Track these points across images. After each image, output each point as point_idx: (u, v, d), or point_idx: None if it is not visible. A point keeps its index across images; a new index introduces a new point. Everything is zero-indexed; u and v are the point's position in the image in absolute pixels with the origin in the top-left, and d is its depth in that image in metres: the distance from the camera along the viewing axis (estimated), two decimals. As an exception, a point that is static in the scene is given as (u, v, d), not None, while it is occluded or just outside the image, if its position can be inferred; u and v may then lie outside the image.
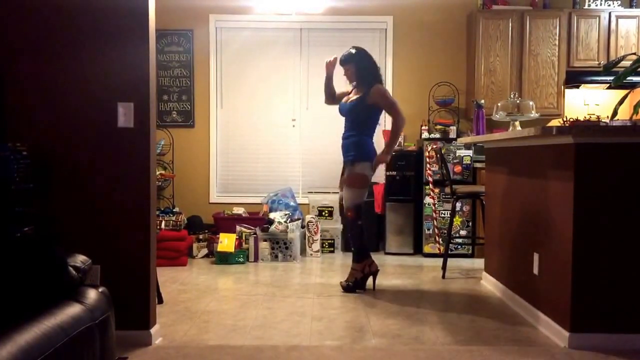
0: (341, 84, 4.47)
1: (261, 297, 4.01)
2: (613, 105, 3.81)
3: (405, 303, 3.87)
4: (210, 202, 6.19)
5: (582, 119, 4.78)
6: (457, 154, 5.61)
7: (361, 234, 4.22)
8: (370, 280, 4.23)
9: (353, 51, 4.27)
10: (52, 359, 1.61)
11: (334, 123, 4.34)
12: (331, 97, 4.46)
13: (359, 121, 4.21)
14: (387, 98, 4.23)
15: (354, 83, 4.29)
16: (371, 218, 5.84)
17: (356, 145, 4.17)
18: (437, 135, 5.83)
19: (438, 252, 5.50)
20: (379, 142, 6.05)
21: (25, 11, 2.93)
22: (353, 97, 4.25)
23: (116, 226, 2.92)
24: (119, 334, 2.21)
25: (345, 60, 4.26)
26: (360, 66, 4.23)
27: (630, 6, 6.01)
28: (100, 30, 2.90)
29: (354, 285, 4.18)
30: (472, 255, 5.57)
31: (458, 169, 5.60)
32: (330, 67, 4.39)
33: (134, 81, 2.90)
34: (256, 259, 5.33)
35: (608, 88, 5.93)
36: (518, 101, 4.49)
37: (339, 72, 4.36)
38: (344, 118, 4.31)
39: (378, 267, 4.26)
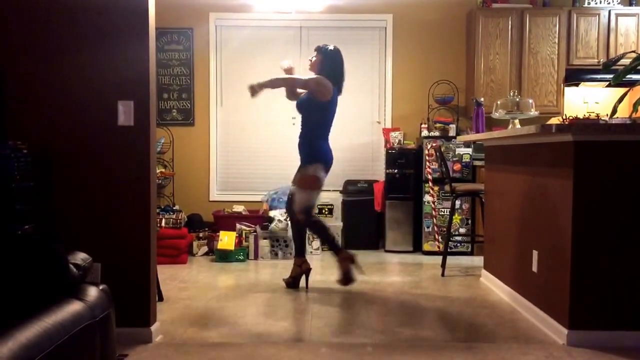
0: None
1: (261, 294, 4.02)
2: (612, 103, 3.82)
3: (404, 300, 3.88)
4: (210, 200, 6.20)
5: (581, 117, 4.78)
6: (456, 152, 5.61)
7: (324, 228, 4.17)
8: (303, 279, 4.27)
9: (331, 47, 4.22)
10: (53, 356, 1.62)
11: (334, 121, 4.33)
12: (292, 93, 4.37)
13: (310, 120, 4.15)
14: (312, 78, 4.10)
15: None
16: (371, 216, 5.86)
17: (307, 145, 4.14)
18: (437, 134, 5.83)
19: (437, 249, 5.50)
20: (379, 141, 6.10)
21: (26, 10, 2.93)
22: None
23: (116, 224, 2.93)
24: (119, 332, 2.22)
25: (317, 49, 4.23)
26: (327, 61, 4.17)
27: (630, 4, 6.01)
28: (101, 29, 2.91)
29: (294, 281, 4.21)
30: (471, 253, 5.58)
31: (457, 167, 5.61)
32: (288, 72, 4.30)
33: (134, 79, 2.91)
34: (256, 257, 5.34)
35: (607, 86, 5.94)
36: (517, 99, 4.49)
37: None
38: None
39: (310, 267, 4.27)
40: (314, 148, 4.12)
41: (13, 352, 1.48)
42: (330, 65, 4.16)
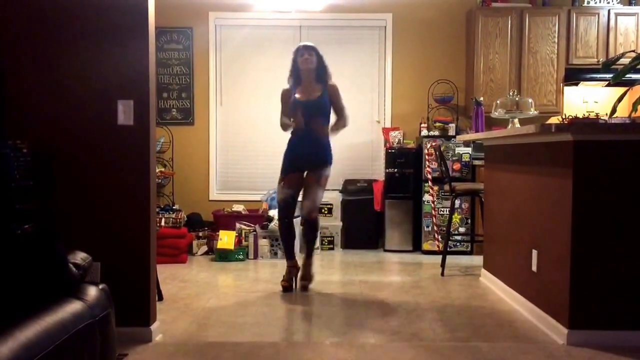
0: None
1: (261, 294, 4.02)
2: (612, 103, 3.82)
3: (404, 300, 3.88)
4: (210, 199, 6.20)
5: (581, 117, 4.78)
6: (456, 152, 5.61)
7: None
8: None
9: (311, 44, 4.31)
10: (53, 356, 1.62)
11: (332, 121, 4.33)
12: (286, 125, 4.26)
13: (326, 121, 4.24)
14: (340, 97, 4.29)
15: (292, 84, 4.23)
16: (370, 215, 5.86)
17: (328, 146, 4.23)
18: (436, 133, 5.83)
19: (437, 249, 5.50)
20: (379, 140, 6.10)
21: (26, 9, 2.93)
22: (314, 93, 4.17)
23: (116, 223, 2.92)
24: (119, 331, 2.22)
25: (313, 48, 4.24)
26: (321, 60, 4.24)
27: (630, 3, 6.01)
28: (101, 28, 2.91)
29: None
30: (471, 253, 5.58)
31: (457, 166, 5.61)
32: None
33: (133, 78, 2.91)
34: (256, 256, 5.34)
35: (607, 85, 5.94)
36: (517, 99, 4.49)
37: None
38: (302, 115, 4.12)
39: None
40: (330, 149, 4.24)
41: (13, 352, 1.48)
42: (324, 64, 4.26)
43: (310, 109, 4.15)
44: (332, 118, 4.30)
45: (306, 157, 4.18)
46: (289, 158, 4.22)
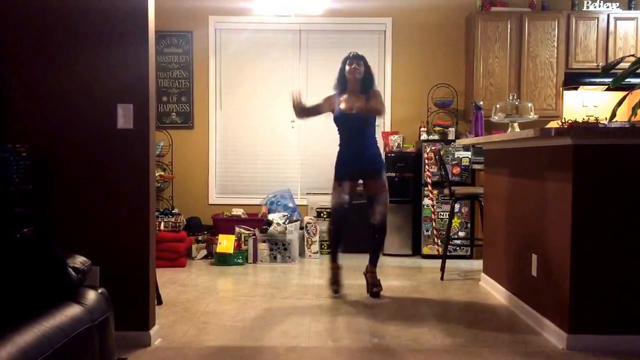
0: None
1: (260, 298, 4.01)
2: (611, 107, 3.84)
3: (403, 304, 3.88)
4: (210, 203, 6.20)
5: (580, 121, 4.79)
6: (455, 156, 5.62)
7: None
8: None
9: (361, 54, 4.31)
10: (52, 360, 1.62)
11: (333, 125, 4.33)
12: (305, 112, 4.32)
13: (374, 129, 4.29)
14: (379, 100, 4.26)
15: (337, 91, 4.25)
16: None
17: (379, 153, 4.32)
18: (436, 137, 5.83)
19: (437, 253, 5.50)
20: (379, 144, 6.09)
21: (25, 13, 2.93)
22: (356, 104, 4.15)
23: (115, 227, 2.92)
24: (118, 335, 2.22)
25: (361, 57, 4.24)
26: (368, 70, 4.26)
27: (629, 8, 6.02)
28: (100, 32, 2.91)
29: None
30: (470, 257, 5.57)
31: (457, 170, 5.61)
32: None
33: (133, 82, 2.91)
34: (255, 260, 5.33)
35: (606, 90, 5.93)
36: (517, 103, 4.50)
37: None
38: (348, 126, 4.19)
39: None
40: (380, 156, 4.36)
41: (11, 356, 1.47)
42: (371, 72, 4.30)
43: (356, 121, 4.17)
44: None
45: (360, 167, 4.21)
46: (343, 170, 4.22)
